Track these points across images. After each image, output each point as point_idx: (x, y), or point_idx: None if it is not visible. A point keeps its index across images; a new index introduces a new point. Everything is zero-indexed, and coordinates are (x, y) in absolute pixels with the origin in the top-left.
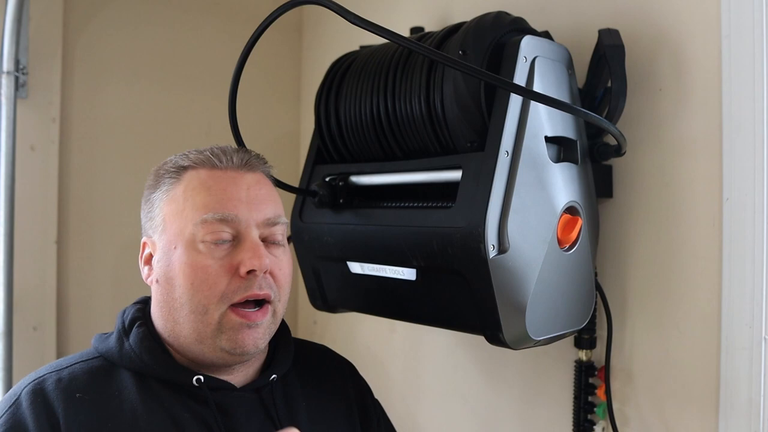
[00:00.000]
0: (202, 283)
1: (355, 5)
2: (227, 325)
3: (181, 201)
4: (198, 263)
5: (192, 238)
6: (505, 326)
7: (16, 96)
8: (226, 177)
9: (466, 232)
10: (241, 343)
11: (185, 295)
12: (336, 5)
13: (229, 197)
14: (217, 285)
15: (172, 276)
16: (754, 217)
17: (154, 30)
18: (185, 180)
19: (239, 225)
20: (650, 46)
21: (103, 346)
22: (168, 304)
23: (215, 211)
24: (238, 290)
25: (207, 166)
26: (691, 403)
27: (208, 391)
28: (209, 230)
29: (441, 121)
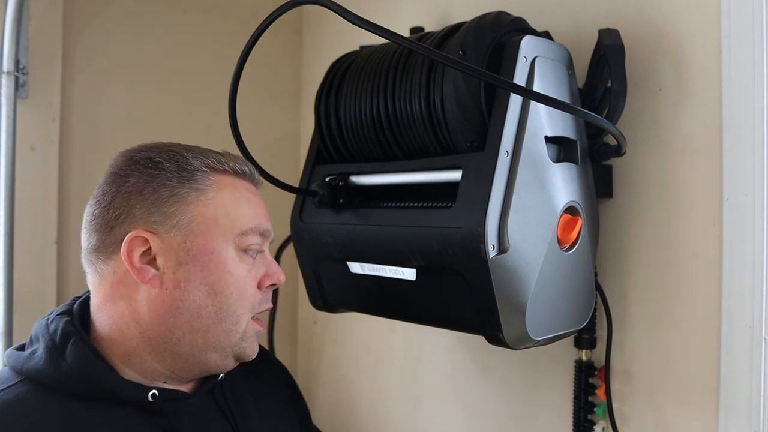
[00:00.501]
0: (239, 292)
1: (355, 5)
2: (248, 334)
3: (224, 207)
4: (240, 274)
5: (234, 247)
6: (505, 326)
7: (16, 96)
8: (252, 189)
9: (466, 232)
10: (254, 349)
11: (222, 304)
12: (336, 5)
13: (262, 212)
14: (250, 296)
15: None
16: (754, 217)
17: (155, 30)
18: (223, 185)
19: (267, 240)
20: (650, 46)
21: (28, 367)
22: (179, 311)
23: (260, 225)
24: (262, 302)
25: (238, 175)
26: (691, 403)
27: (162, 402)
28: (251, 242)
29: (441, 121)
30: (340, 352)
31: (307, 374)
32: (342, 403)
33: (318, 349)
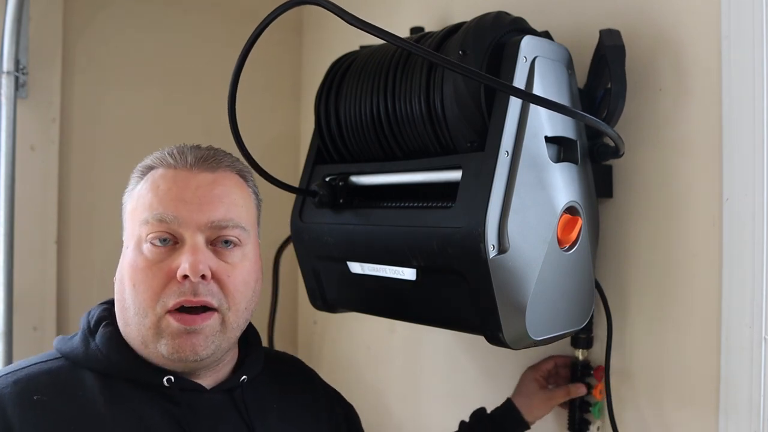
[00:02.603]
0: (140, 284)
1: (355, 5)
2: (166, 330)
3: (136, 200)
4: (138, 264)
5: (138, 239)
6: (505, 326)
7: (16, 96)
8: (177, 176)
9: (466, 232)
10: (179, 348)
11: (130, 297)
12: (334, 6)
13: (171, 197)
14: (153, 288)
15: (122, 276)
16: (754, 217)
17: (154, 30)
18: (145, 179)
19: (179, 227)
20: (650, 46)
21: (67, 346)
22: (120, 303)
23: (156, 211)
24: (173, 295)
25: (164, 165)
26: (690, 403)
27: (178, 391)
28: (149, 231)
29: (441, 121)
30: (340, 352)
31: None
32: None
33: (318, 349)
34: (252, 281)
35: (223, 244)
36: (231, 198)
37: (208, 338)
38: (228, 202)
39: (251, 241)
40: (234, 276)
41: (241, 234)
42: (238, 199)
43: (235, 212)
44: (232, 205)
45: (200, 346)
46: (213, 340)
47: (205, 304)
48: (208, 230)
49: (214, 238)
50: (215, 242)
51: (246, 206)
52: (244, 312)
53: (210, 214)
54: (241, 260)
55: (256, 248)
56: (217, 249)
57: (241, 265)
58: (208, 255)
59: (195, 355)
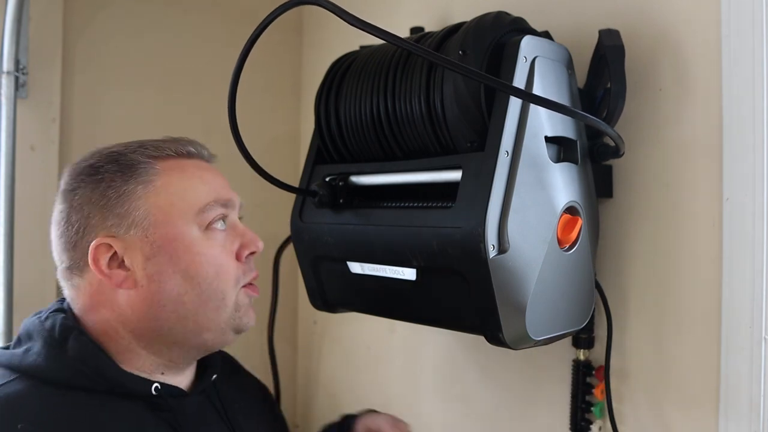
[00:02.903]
0: (218, 271)
1: (355, 5)
2: (241, 303)
3: (174, 191)
4: (211, 252)
5: (198, 228)
6: (505, 326)
7: (16, 96)
8: (203, 165)
9: (466, 232)
10: (250, 317)
11: (202, 286)
12: (333, 6)
13: (221, 184)
14: (231, 271)
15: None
16: (754, 217)
17: (154, 30)
18: (168, 170)
19: (233, 211)
20: (650, 46)
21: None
22: (161, 303)
23: (215, 196)
24: (246, 272)
25: (183, 156)
26: (690, 403)
27: (166, 397)
28: (212, 216)
29: (441, 121)
30: (340, 352)
31: (307, 374)
32: (342, 403)
33: (318, 349)
34: None
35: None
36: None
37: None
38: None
39: None
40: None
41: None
42: None
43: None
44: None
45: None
46: None
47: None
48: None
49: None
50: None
51: None
52: None
53: (237, 198)
54: None
55: None
56: None
57: None
58: None
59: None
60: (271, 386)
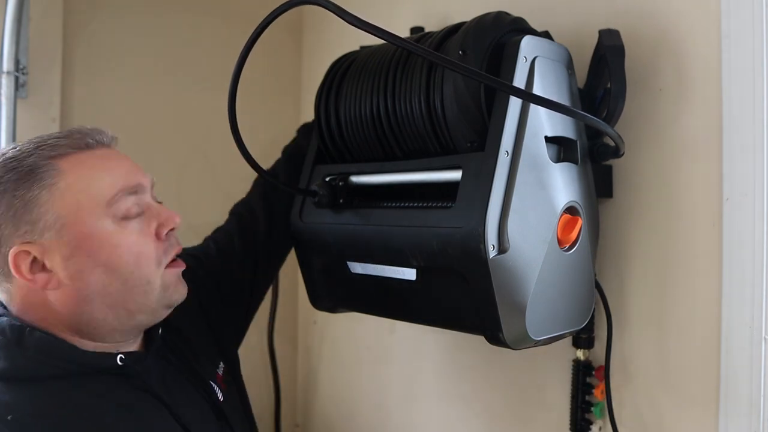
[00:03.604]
0: (138, 258)
1: (355, 5)
2: (169, 281)
3: (80, 189)
4: (128, 240)
5: (112, 220)
6: (505, 326)
7: (16, 96)
8: (107, 154)
9: (466, 232)
10: (180, 293)
11: (124, 276)
12: (334, 5)
13: (126, 170)
14: (151, 254)
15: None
16: (754, 217)
17: (154, 30)
18: (69, 168)
19: (144, 194)
20: (650, 46)
21: None
22: (88, 298)
23: (122, 185)
24: (167, 251)
25: (82, 149)
26: (691, 403)
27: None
28: (124, 206)
29: (441, 121)
30: (340, 352)
31: (307, 374)
32: (342, 403)
33: (318, 349)
34: None
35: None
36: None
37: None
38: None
39: None
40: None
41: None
42: None
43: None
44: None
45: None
46: None
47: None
48: (151, 191)
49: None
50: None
51: None
52: None
53: (148, 177)
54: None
55: None
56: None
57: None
58: None
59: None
60: (271, 386)
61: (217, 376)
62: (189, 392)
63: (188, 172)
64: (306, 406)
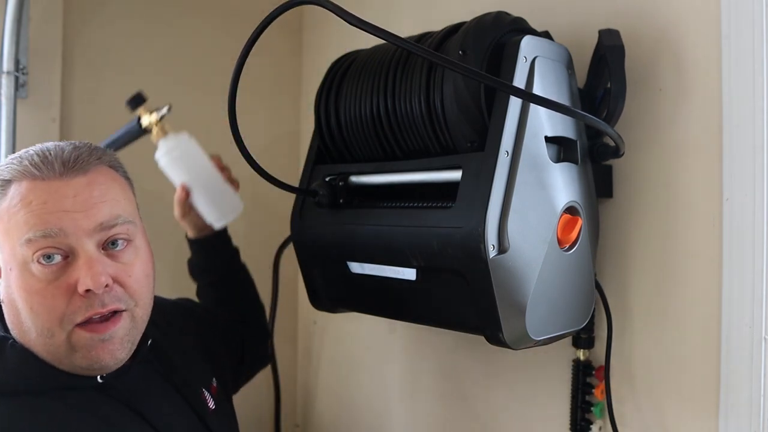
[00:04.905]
0: (40, 307)
1: (355, 5)
2: (79, 344)
3: (6, 219)
4: (32, 287)
5: (22, 259)
6: (505, 326)
7: (16, 96)
8: (48, 188)
9: (466, 231)
10: (97, 358)
11: (28, 320)
12: (334, 6)
13: (50, 210)
14: (56, 309)
15: (13, 299)
16: (754, 217)
17: (154, 30)
18: (9, 195)
19: (67, 238)
20: (650, 46)
21: None
22: (16, 327)
23: (37, 228)
24: (79, 311)
25: (28, 178)
26: (691, 403)
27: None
28: (35, 249)
29: (441, 121)
30: (340, 352)
31: (307, 374)
32: (342, 403)
33: (318, 349)
34: (150, 270)
35: (111, 246)
36: (111, 194)
37: (123, 340)
38: (110, 199)
39: (139, 231)
40: (135, 274)
41: (130, 228)
42: (118, 193)
43: (119, 207)
44: (115, 202)
45: (117, 350)
46: (127, 339)
47: (115, 309)
48: (98, 234)
49: (104, 240)
50: (105, 246)
51: (126, 197)
52: (150, 301)
53: (96, 218)
54: (135, 256)
55: (145, 236)
56: (109, 253)
57: (137, 260)
58: (106, 262)
59: (114, 360)
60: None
61: (212, 386)
62: (176, 404)
63: None
64: (306, 407)
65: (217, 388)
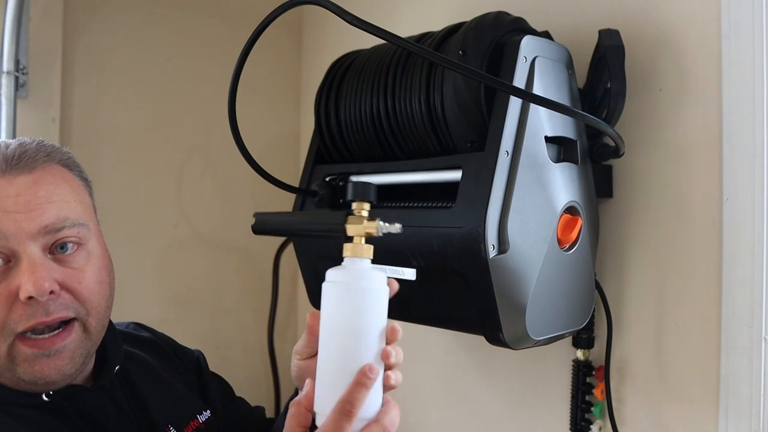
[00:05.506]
0: None
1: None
2: (20, 357)
3: None
4: None
5: None
6: (505, 326)
7: (16, 96)
8: None
9: (466, 231)
10: (41, 374)
11: None
12: (334, 5)
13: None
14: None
15: None
16: (754, 217)
17: (154, 30)
18: None
19: (8, 241)
20: (650, 46)
21: None
22: None
23: None
24: (21, 320)
25: None
26: (690, 403)
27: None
28: None
29: (441, 121)
30: None
31: None
32: None
33: None
34: (106, 277)
35: (60, 250)
36: (60, 195)
37: (74, 353)
38: (58, 200)
39: (93, 235)
40: (86, 280)
41: (81, 231)
42: (68, 194)
43: (68, 209)
44: (63, 203)
45: (66, 365)
46: (80, 352)
47: (62, 318)
48: (43, 237)
49: (51, 243)
50: (52, 249)
51: (78, 199)
52: (106, 310)
53: (40, 219)
54: (87, 261)
55: (100, 239)
56: (57, 257)
57: (89, 266)
58: (51, 266)
59: (61, 375)
60: (271, 386)
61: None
62: None
63: (188, 172)
64: None
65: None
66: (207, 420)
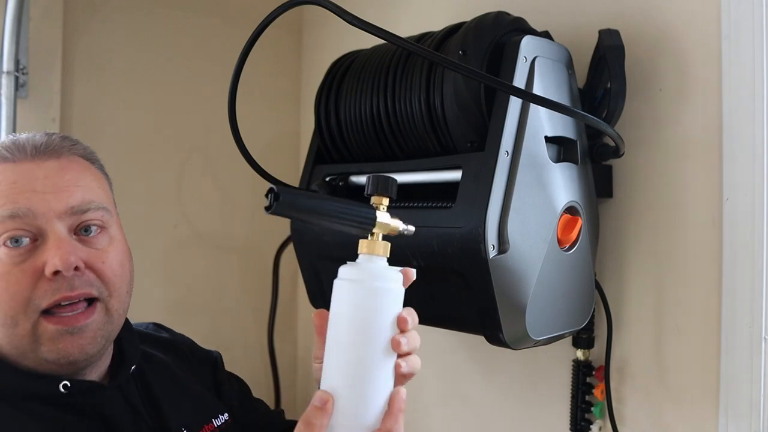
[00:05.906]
0: (3, 292)
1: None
2: (45, 335)
3: None
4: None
5: None
6: (505, 326)
7: (16, 96)
8: (18, 169)
9: (466, 231)
10: (65, 351)
11: None
12: (334, 5)
13: (19, 190)
14: (20, 292)
15: None
16: (754, 217)
17: (154, 30)
18: None
19: (36, 219)
20: (650, 46)
21: None
22: None
23: (5, 208)
24: (46, 294)
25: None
26: (690, 403)
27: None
28: (2, 231)
29: (441, 121)
30: None
31: (307, 374)
32: None
33: None
34: (127, 263)
35: (84, 233)
36: (84, 181)
37: (96, 333)
38: (83, 185)
39: (115, 222)
40: (109, 260)
41: (105, 216)
42: (92, 182)
43: (93, 194)
44: (88, 188)
45: (88, 345)
46: (101, 333)
47: (85, 295)
48: (70, 217)
49: (77, 225)
50: (77, 231)
51: (102, 187)
52: (126, 296)
53: (67, 201)
54: (110, 243)
55: (121, 230)
56: (81, 238)
57: (111, 248)
58: (76, 245)
59: (84, 355)
60: (271, 386)
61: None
62: None
63: (188, 172)
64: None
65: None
66: (223, 423)
